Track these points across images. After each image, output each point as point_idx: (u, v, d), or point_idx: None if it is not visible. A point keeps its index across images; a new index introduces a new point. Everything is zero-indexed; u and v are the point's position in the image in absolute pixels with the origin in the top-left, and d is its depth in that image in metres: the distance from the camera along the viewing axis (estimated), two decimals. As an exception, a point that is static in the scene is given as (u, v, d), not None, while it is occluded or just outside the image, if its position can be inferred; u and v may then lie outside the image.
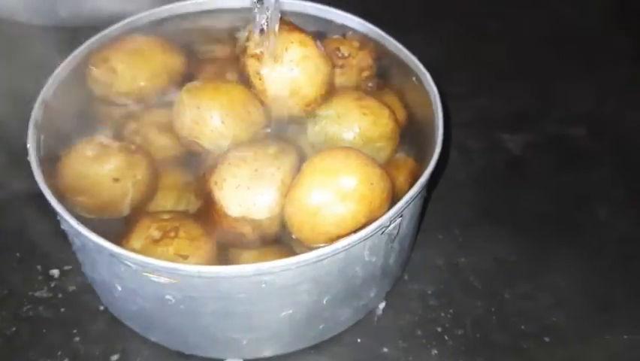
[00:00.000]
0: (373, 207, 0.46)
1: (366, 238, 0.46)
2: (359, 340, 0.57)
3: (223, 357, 0.54)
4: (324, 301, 0.50)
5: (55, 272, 0.61)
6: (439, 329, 0.58)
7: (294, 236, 0.48)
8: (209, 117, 0.52)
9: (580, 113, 0.79)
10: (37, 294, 0.60)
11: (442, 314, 0.59)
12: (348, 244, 0.45)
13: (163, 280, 0.45)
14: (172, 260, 0.48)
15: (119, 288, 0.50)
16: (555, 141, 0.76)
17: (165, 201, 0.55)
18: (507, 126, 0.77)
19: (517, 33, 0.90)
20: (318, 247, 0.45)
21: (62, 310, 0.58)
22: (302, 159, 0.51)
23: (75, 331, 0.57)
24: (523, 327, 0.58)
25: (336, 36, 0.64)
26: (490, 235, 0.66)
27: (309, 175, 0.46)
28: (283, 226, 0.49)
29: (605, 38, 0.88)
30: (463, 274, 0.62)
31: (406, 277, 0.62)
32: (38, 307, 0.59)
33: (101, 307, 0.58)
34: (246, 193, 0.48)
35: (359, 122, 0.53)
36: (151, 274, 0.45)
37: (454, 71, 0.82)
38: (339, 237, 0.46)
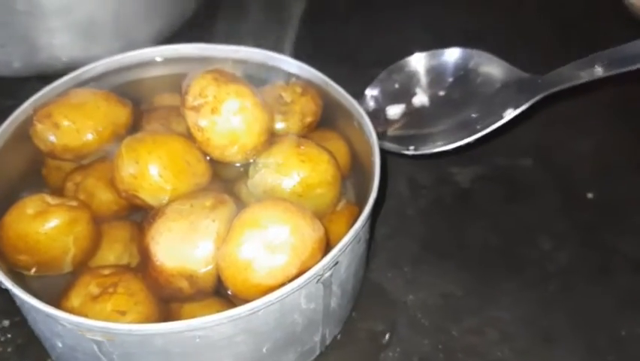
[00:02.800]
0: (305, 258, 0.47)
1: (300, 288, 0.47)
2: (307, 384, 0.58)
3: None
4: (264, 350, 0.51)
5: (6, 323, 0.62)
6: (388, 369, 0.59)
7: (229, 291, 0.49)
8: (147, 171, 0.53)
9: (526, 144, 0.81)
10: (-13, 349, 0.60)
11: (390, 354, 0.60)
12: (281, 296, 0.46)
13: (99, 337, 0.46)
14: (109, 317, 0.48)
15: (60, 345, 0.50)
16: (502, 172, 0.78)
17: (109, 254, 0.55)
18: (456, 160, 0.79)
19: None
20: (253, 300, 0.46)
21: (10, 366, 0.59)
22: (240, 209, 0.52)
23: (24, 387, 0.57)
24: (469, 363, 0.59)
25: (279, 82, 0.66)
26: (438, 271, 0.67)
27: (238, 229, 0.47)
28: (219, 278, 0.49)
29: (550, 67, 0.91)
30: (411, 311, 0.63)
31: (354, 316, 0.63)
32: (-13, 363, 0.59)
33: (49, 360, 0.58)
34: (182, 247, 0.49)
35: (298, 169, 0.54)
36: (86, 332, 0.46)
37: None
38: (272, 289, 0.46)
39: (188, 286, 0.49)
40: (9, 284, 0.47)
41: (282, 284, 0.47)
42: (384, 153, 0.58)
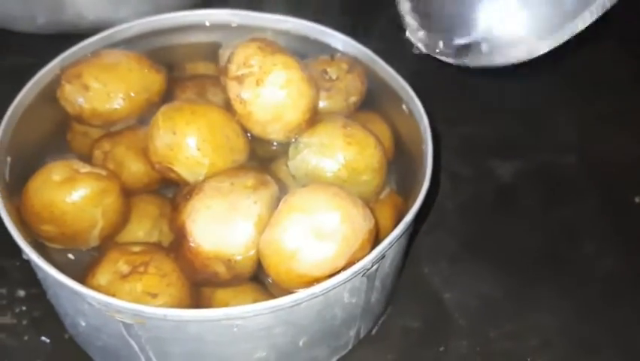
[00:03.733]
0: (355, 249, 0.44)
1: (346, 282, 0.44)
2: (337, 379, 0.55)
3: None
4: (300, 343, 0.47)
5: (21, 293, 0.58)
6: (421, 368, 0.56)
7: (269, 279, 0.46)
8: (185, 143, 0.49)
9: (569, 141, 0.77)
10: (1, 320, 0.56)
11: (425, 352, 0.57)
12: (327, 288, 0.43)
13: (128, 320, 0.42)
14: (140, 298, 0.45)
15: (83, 323, 0.47)
16: (544, 169, 0.74)
17: (137, 230, 0.52)
18: (496, 153, 0.75)
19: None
20: (295, 291, 0.42)
21: (26, 338, 0.55)
22: (283, 192, 0.48)
23: (39, 362, 0.54)
24: (507, 369, 0.56)
25: (323, 57, 0.61)
26: (476, 270, 0.63)
27: (285, 214, 0.43)
28: (259, 265, 0.46)
29: (595, 66, 0.86)
30: (448, 310, 0.60)
31: (389, 312, 0.59)
32: (1, 335, 0.55)
33: (67, 336, 0.55)
34: (220, 228, 0.45)
35: (343, 152, 0.51)
36: (116, 314, 0.42)
37: (445, 93, 0.80)
38: (317, 280, 0.43)
39: (225, 271, 0.45)
40: (33, 256, 0.44)
41: (328, 276, 0.43)
42: (436, 141, 0.54)
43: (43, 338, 0.55)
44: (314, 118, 0.54)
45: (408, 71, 0.60)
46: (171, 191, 0.55)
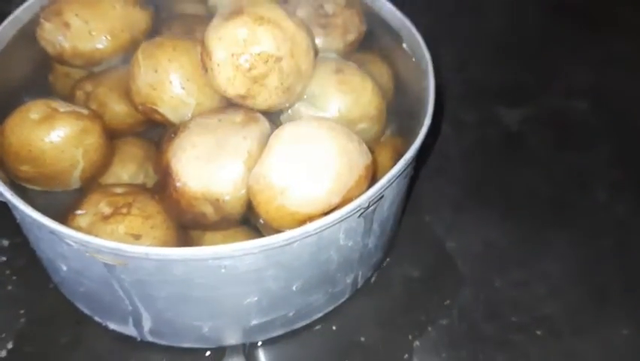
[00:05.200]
0: (350, 186, 0.41)
1: (341, 221, 0.41)
2: (334, 327, 0.52)
3: (182, 345, 0.49)
4: (294, 288, 0.45)
5: (5, 243, 0.56)
6: (422, 318, 0.53)
7: (260, 219, 0.43)
8: (168, 82, 0.46)
9: (582, 86, 0.73)
10: (-16, 270, 0.55)
11: (426, 302, 0.55)
12: (320, 227, 0.40)
13: (109, 261, 0.40)
14: (122, 240, 0.42)
15: (64, 268, 0.45)
16: (555, 115, 0.71)
17: (121, 173, 0.49)
18: (504, 99, 0.72)
19: (516, 4, 0.83)
20: (288, 230, 0.40)
21: (9, 287, 0.53)
22: (274, 129, 0.45)
23: (22, 311, 0.52)
24: (513, 318, 0.54)
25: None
26: (481, 217, 0.61)
27: (275, 148, 0.40)
28: (249, 205, 0.43)
29: (609, 7, 0.82)
30: (451, 258, 0.57)
31: (388, 260, 0.57)
32: (-16, 285, 0.54)
33: (51, 285, 0.53)
34: (207, 166, 0.42)
35: (338, 102, 0.47)
36: (96, 254, 0.40)
37: (448, 39, 0.76)
38: (310, 218, 0.40)
39: (213, 211, 0.43)
40: (8, 194, 0.41)
41: (322, 214, 0.40)
42: (440, 86, 0.51)
43: (27, 287, 0.53)
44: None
45: (414, 13, 0.57)
46: (157, 134, 0.52)
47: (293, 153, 0.40)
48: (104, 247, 0.38)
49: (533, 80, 0.74)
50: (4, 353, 0.49)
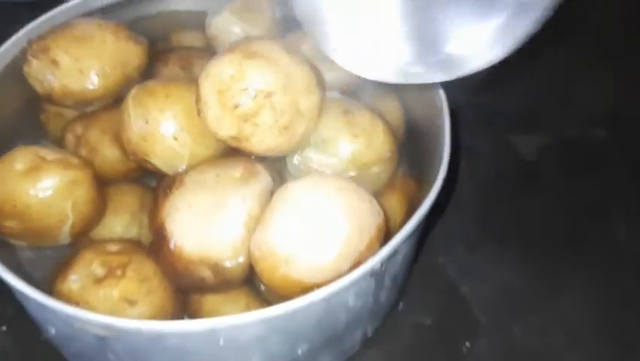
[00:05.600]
0: (361, 250, 0.38)
1: (351, 286, 0.38)
2: (342, 381, 0.49)
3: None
4: (299, 352, 0.42)
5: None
6: (436, 371, 0.50)
7: (262, 286, 0.40)
8: (160, 133, 0.43)
9: (599, 112, 0.70)
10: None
11: (440, 352, 0.51)
12: (329, 295, 0.37)
13: (100, 332, 0.37)
14: (116, 306, 0.40)
15: (53, 331, 0.42)
16: (571, 143, 0.67)
17: (115, 224, 0.46)
18: (519, 126, 0.68)
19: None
20: (292, 297, 0.37)
21: (-1, 343, 0.51)
22: (276, 183, 0.42)
23: (13, 366, 0.49)
24: (532, 371, 0.51)
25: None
26: (496, 257, 0.57)
27: (279, 211, 0.37)
28: (251, 268, 0.40)
29: (628, 30, 0.78)
30: (466, 303, 0.54)
31: (400, 307, 0.54)
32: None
33: (42, 338, 0.50)
34: (204, 228, 0.39)
35: (350, 146, 0.44)
36: (85, 326, 0.37)
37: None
38: (317, 285, 0.37)
39: (212, 276, 0.39)
40: (-10, 261, 0.38)
41: (330, 281, 0.37)
42: (454, 117, 0.47)
43: (17, 339, 0.50)
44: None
45: None
46: (155, 179, 0.49)
47: (297, 217, 0.36)
48: (93, 321, 0.35)
49: (549, 104, 0.70)
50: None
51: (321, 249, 0.36)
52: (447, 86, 0.50)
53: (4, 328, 0.51)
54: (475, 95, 0.70)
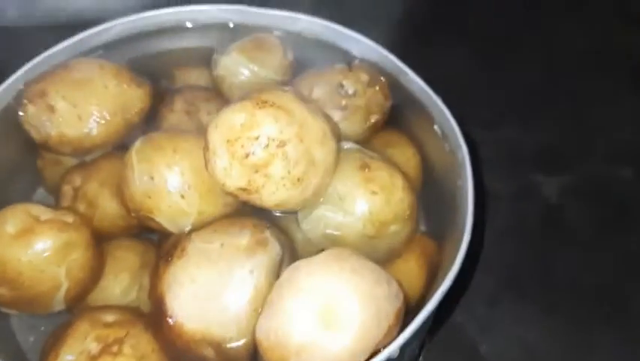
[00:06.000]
0: (378, 340, 0.34)
1: (366, 374, 0.35)
2: None
3: None
4: None
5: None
6: None
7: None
8: (166, 191, 0.40)
9: (625, 151, 0.66)
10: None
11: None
12: (342, 387, 0.34)
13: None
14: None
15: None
16: (596, 185, 0.63)
17: (113, 286, 0.43)
18: (541, 165, 0.65)
19: (554, 50, 0.75)
20: (301, 389, 0.33)
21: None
22: (287, 251, 0.39)
23: None
24: None
25: (339, 65, 0.51)
26: (518, 314, 0.54)
27: (289, 296, 0.34)
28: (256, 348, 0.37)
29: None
30: (486, 365, 0.51)
31: (417, 364, 0.51)
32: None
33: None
34: (207, 305, 0.36)
35: (367, 203, 0.41)
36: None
37: (479, 92, 0.69)
38: (329, 376, 0.34)
39: (215, 355, 0.36)
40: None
41: (344, 371, 0.34)
42: (477, 171, 0.44)
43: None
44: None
45: (439, 73, 0.50)
46: (156, 234, 0.46)
47: (309, 304, 0.33)
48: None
49: (573, 141, 0.67)
50: None
51: (334, 341, 0.33)
52: (465, 122, 0.47)
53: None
54: (494, 130, 0.67)
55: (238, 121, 0.37)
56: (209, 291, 0.36)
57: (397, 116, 0.51)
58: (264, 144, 0.37)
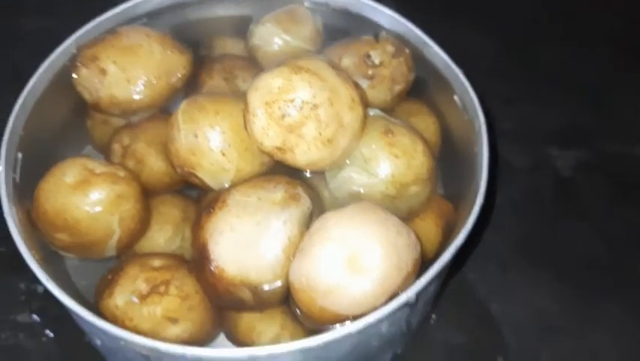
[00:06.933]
0: (397, 284, 0.38)
1: (386, 317, 0.39)
2: (370, 397, 0.51)
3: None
4: (332, 373, 0.43)
5: (39, 289, 0.55)
6: (462, 392, 0.51)
7: (298, 311, 0.41)
8: (208, 148, 0.44)
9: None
10: (19, 318, 0.54)
11: (467, 371, 0.52)
12: (364, 327, 0.38)
13: (144, 352, 0.39)
14: (159, 324, 0.41)
15: (99, 342, 0.44)
16: (612, 162, 0.66)
17: (158, 237, 0.48)
18: (557, 140, 0.67)
19: (579, 32, 0.77)
20: (328, 328, 0.38)
21: (43, 339, 0.53)
22: (317, 206, 0.43)
23: (57, 366, 0.52)
24: (559, 398, 0.51)
25: (366, 37, 0.54)
26: (529, 279, 0.57)
27: (319, 244, 0.38)
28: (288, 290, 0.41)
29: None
30: (496, 324, 0.55)
31: (431, 322, 0.55)
32: (18, 334, 0.53)
33: (86, 339, 0.52)
34: (246, 252, 0.40)
35: (390, 166, 0.44)
36: (129, 345, 0.38)
37: (502, 69, 0.71)
38: (354, 317, 0.38)
39: (251, 297, 0.41)
40: (42, 277, 0.40)
41: (366, 312, 0.38)
42: (492, 139, 0.47)
43: (61, 341, 0.53)
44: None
45: (461, 44, 0.53)
46: (197, 191, 0.50)
47: (337, 252, 0.37)
48: (138, 343, 0.37)
49: (589, 119, 0.69)
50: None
51: (359, 284, 0.37)
52: (485, 98, 0.50)
53: (48, 328, 0.54)
54: (513, 105, 0.70)
55: (276, 85, 0.41)
56: (248, 239, 0.40)
57: (420, 87, 0.54)
58: (298, 106, 0.41)
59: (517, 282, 0.57)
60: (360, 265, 0.37)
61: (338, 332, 0.37)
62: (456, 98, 0.52)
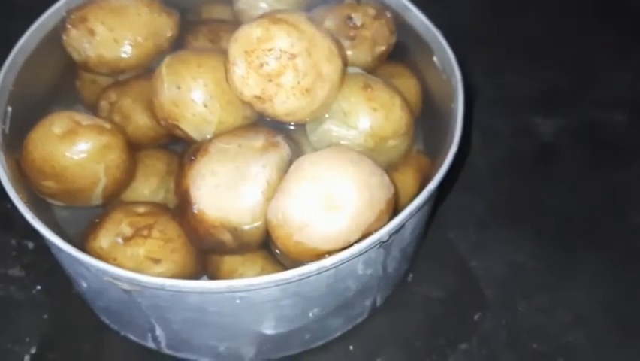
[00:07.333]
0: (370, 221, 0.40)
1: (359, 255, 0.40)
2: (351, 347, 0.52)
3: (199, 360, 0.50)
4: (310, 315, 0.45)
5: (30, 245, 0.57)
6: (441, 341, 0.53)
7: (277, 251, 0.42)
8: (190, 100, 0.45)
9: (622, 96, 0.70)
10: (10, 272, 0.56)
11: (446, 324, 0.54)
12: (338, 262, 0.39)
13: (126, 287, 0.40)
14: (142, 264, 0.43)
15: (84, 284, 0.45)
16: (591, 127, 0.67)
17: (143, 188, 0.49)
18: (538, 107, 0.69)
19: (562, 1, 0.79)
20: (304, 263, 0.39)
21: (34, 291, 0.54)
22: (295, 153, 0.44)
23: (45, 316, 0.53)
24: (535, 346, 0.52)
25: (348, 0, 0.56)
26: (508, 237, 0.59)
27: (294, 183, 0.39)
28: (268, 233, 0.43)
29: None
30: (474, 279, 0.56)
31: (409, 279, 0.56)
32: (9, 287, 0.55)
33: (74, 291, 0.54)
34: (226, 195, 0.41)
35: (369, 119, 0.46)
36: (113, 280, 0.40)
37: (483, 38, 0.73)
38: (328, 253, 0.40)
39: (232, 239, 0.42)
40: (28, 215, 0.41)
41: (341, 249, 0.40)
42: (470, 95, 0.49)
43: (51, 292, 0.54)
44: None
45: (444, 15, 0.54)
46: (181, 146, 0.52)
47: (311, 189, 0.39)
48: (121, 276, 0.39)
49: (571, 86, 0.70)
50: (27, 359, 0.51)
51: (332, 219, 0.39)
52: (467, 65, 0.51)
53: (38, 281, 0.55)
54: (496, 75, 0.71)
55: (255, 35, 0.42)
56: (228, 182, 0.42)
57: (402, 52, 0.56)
58: (276, 55, 0.42)
59: (497, 240, 0.58)
60: (334, 202, 0.39)
61: (313, 265, 0.39)
62: (435, 59, 0.53)
